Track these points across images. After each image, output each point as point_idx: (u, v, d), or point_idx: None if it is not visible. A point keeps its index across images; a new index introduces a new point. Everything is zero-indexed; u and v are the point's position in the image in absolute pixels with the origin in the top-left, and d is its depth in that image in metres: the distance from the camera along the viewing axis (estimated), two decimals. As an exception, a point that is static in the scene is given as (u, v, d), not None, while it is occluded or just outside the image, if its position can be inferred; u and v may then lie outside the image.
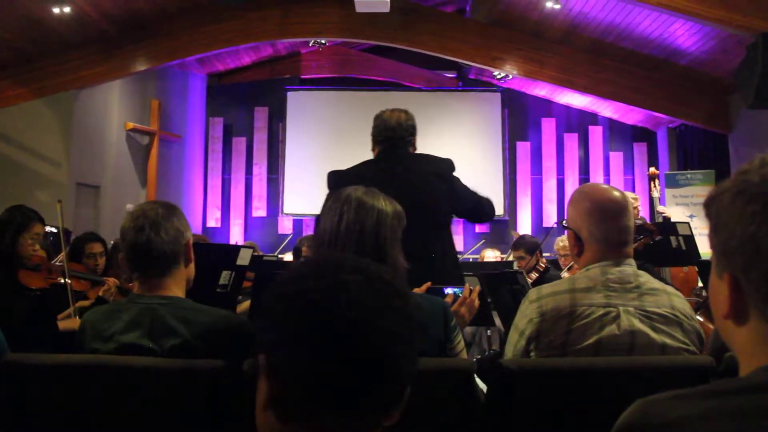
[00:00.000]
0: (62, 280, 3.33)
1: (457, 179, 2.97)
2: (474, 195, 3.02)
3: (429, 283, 2.26)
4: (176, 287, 1.80)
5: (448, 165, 2.97)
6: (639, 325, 1.73)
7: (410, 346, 0.83)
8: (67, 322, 3.20)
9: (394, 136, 2.88)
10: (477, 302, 2.24)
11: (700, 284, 4.67)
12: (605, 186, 1.95)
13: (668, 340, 1.74)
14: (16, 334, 3.01)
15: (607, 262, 1.81)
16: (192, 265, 1.87)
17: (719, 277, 0.84)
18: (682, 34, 7.01)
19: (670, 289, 1.85)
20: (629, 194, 2.77)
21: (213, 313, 1.76)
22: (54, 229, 4.78)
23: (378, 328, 0.80)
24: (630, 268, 1.81)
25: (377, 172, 2.84)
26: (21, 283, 3.20)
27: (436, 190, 2.89)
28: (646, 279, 1.81)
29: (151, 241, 1.75)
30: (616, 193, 1.89)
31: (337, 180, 2.85)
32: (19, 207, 3.25)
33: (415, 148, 2.98)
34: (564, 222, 1.96)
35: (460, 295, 2.21)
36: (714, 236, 0.84)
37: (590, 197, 1.88)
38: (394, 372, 0.81)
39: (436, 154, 3.06)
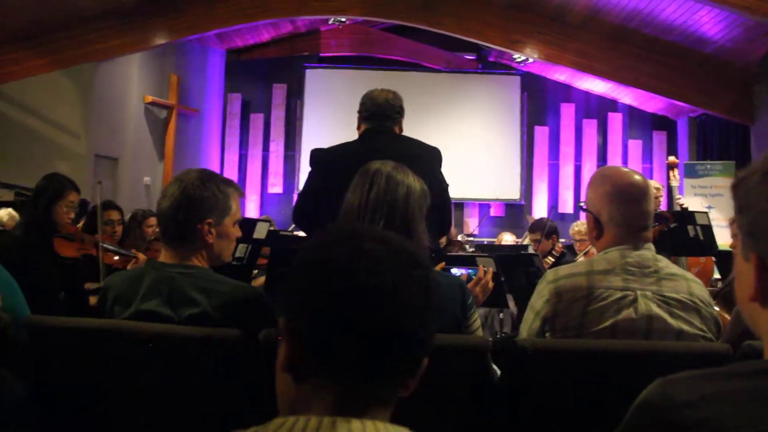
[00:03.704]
0: (94, 252, 3.39)
1: (443, 176, 2.73)
2: (446, 201, 2.73)
3: (443, 264, 2.26)
4: (198, 258, 1.80)
5: (437, 155, 2.74)
6: (656, 309, 1.71)
7: (428, 316, 0.83)
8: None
9: (379, 113, 2.81)
10: (491, 283, 2.24)
11: (717, 275, 4.64)
12: (626, 169, 1.91)
13: (685, 326, 1.72)
14: (48, 299, 3.07)
15: (626, 245, 1.79)
16: (220, 243, 1.81)
17: (746, 258, 0.83)
18: (708, 22, 6.90)
19: (689, 275, 1.83)
20: (652, 182, 2.72)
21: (232, 284, 1.76)
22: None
23: (395, 297, 0.80)
24: (649, 252, 1.79)
25: (362, 151, 2.68)
26: (55, 251, 3.26)
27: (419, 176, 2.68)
28: (665, 264, 1.79)
29: (166, 216, 1.76)
30: (638, 177, 1.86)
31: (321, 156, 2.73)
32: (54, 175, 3.31)
33: (401, 130, 2.83)
34: (583, 204, 1.94)
35: (474, 276, 2.22)
36: (741, 217, 0.83)
37: (612, 180, 1.86)
38: (410, 342, 0.81)
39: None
